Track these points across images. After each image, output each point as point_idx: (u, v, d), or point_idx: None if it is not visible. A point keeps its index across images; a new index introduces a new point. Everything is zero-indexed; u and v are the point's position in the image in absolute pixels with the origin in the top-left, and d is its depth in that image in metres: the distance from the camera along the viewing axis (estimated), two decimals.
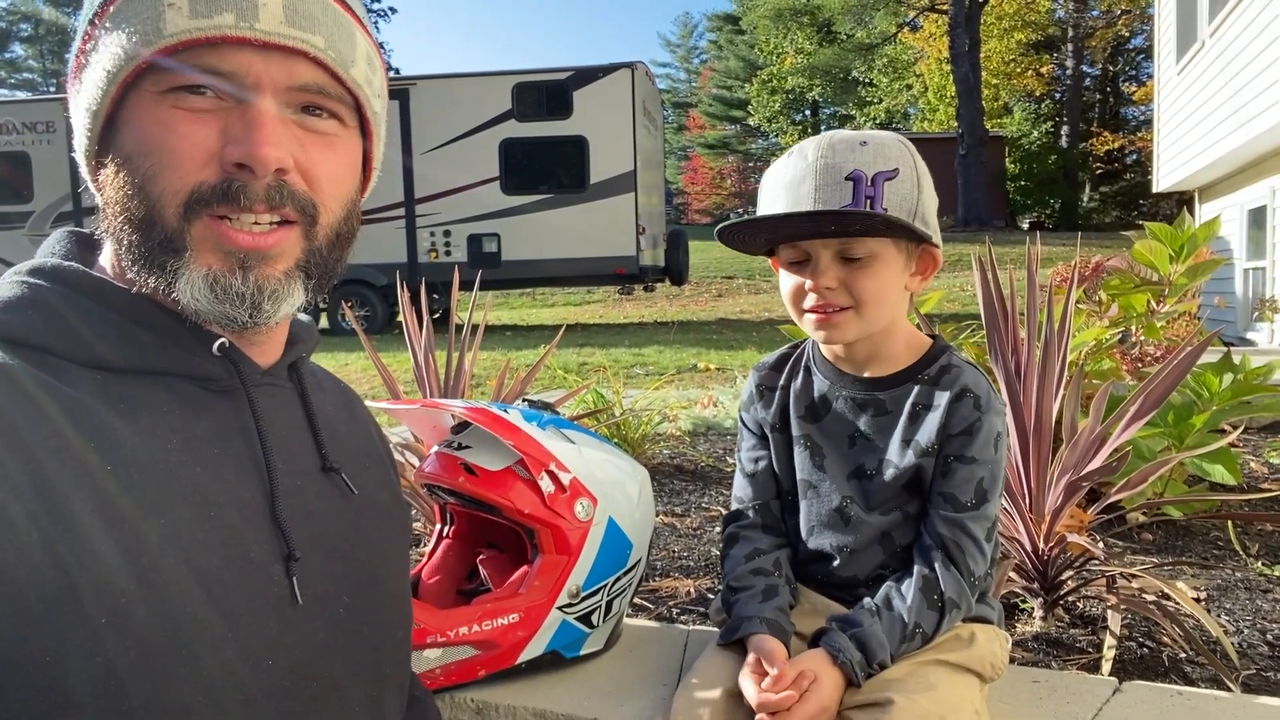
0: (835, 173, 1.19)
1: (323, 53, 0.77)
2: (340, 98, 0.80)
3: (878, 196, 1.18)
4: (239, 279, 0.76)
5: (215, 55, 0.73)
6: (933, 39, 29.05)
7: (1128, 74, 34.35)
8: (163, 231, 0.74)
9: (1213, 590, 2.00)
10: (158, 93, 0.73)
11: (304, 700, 0.79)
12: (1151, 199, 26.21)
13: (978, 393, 1.26)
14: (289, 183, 0.77)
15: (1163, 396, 1.83)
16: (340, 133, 0.82)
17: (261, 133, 0.74)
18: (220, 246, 0.75)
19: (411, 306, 2.73)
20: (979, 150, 23.07)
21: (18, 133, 12.82)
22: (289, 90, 0.76)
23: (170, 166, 0.73)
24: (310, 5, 0.76)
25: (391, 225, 12.40)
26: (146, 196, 0.74)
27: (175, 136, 0.73)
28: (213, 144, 0.74)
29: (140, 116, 0.74)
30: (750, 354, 8.15)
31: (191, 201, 0.74)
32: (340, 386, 1.05)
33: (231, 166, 0.74)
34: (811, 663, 1.18)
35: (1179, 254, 3.05)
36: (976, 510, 1.25)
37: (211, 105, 0.74)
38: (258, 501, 0.79)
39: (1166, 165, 10.30)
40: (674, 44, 54.06)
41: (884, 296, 1.24)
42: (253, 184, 0.74)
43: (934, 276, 1.31)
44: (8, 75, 42.30)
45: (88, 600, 0.64)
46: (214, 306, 0.76)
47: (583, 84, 12.21)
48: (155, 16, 0.72)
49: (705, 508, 2.82)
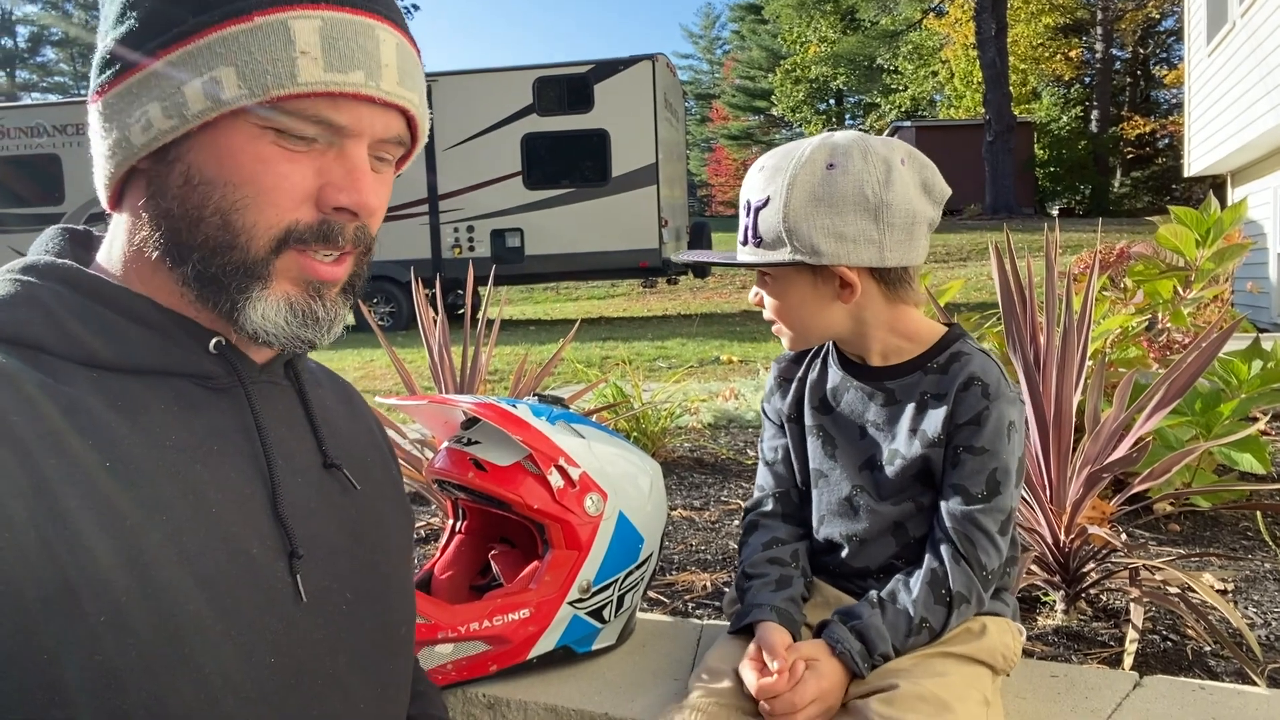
0: (744, 197, 1.28)
1: (417, 110, 0.83)
2: (405, 143, 0.85)
3: (755, 226, 1.25)
4: (319, 306, 0.80)
5: (332, 107, 0.76)
6: (958, 24, 28.70)
7: (1158, 57, 33.79)
8: (246, 258, 0.76)
9: (1240, 582, 1.96)
10: (259, 127, 0.74)
11: (307, 697, 0.78)
12: (1183, 183, 25.77)
13: (986, 380, 1.23)
14: (367, 224, 0.82)
15: (1188, 384, 1.78)
16: (390, 168, 0.86)
17: (365, 181, 0.79)
18: (302, 277, 0.79)
19: (427, 302, 2.73)
20: (1006, 137, 22.76)
21: (49, 135, 13.02)
22: (378, 141, 0.81)
23: (267, 204, 0.75)
24: (411, 64, 0.81)
25: (416, 222, 12.47)
26: (231, 225, 0.75)
27: (275, 174, 0.75)
28: (310, 185, 0.77)
29: (237, 145, 0.75)
30: (773, 346, 8.12)
31: (288, 238, 0.77)
32: (339, 382, 1.05)
33: (331, 210, 0.78)
34: (809, 651, 1.18)
35: (1205, 238, 2.99)
36: (988, 502, 1.22)
37: (306, 147, 0.77)
38: (258, 499, 0.79)
39: (1198, 149, 10.11)
40: (696, 35, 54.00)
41: (800, 312, 1.29)
42: (348, 226, 0.79)
43: (852, 296, 1.25)
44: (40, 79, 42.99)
45: (86, 599, 0.64)
46: (291, 330, 0.79)
47: (603, 77, 12.19)
48: (288, 61, 0.73)
49: (724, 501, 2.80)
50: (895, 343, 1.30)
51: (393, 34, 0.78)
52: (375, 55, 0.77)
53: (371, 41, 0.76)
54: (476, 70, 13.10)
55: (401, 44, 0.80)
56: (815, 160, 1.20)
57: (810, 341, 1.34)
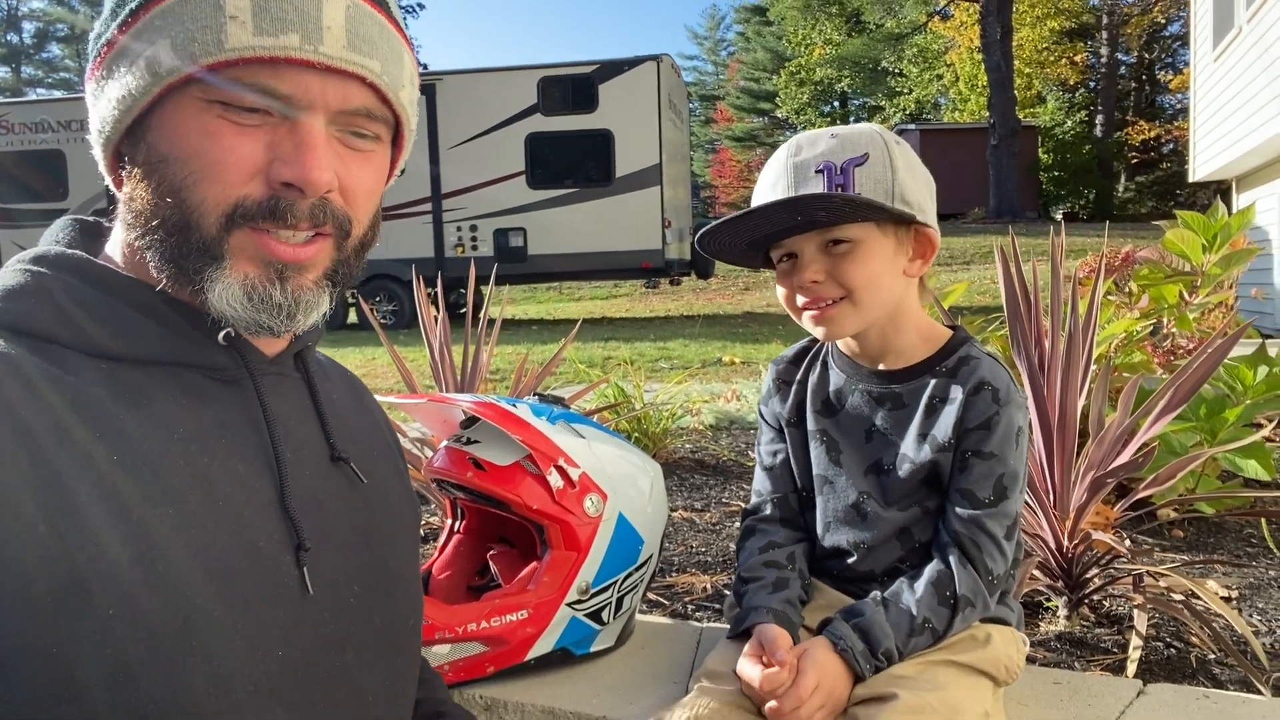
0: (806, 168, 1.20)
1: (378, 78, 0.77)
2: (384, 119, 0.81)
3: (849, 183, 1.18)
4: (277, 289, 0.77)
5: (274, 75, 0.72)
6: (964, 27, 28.67)
7: (1164, 62, 33.71)
8: (200, 238, 0.74)
9: (1244, 589, 1.95)
10: (204, 100, 0.72)
11: (316, 690, 0.78)
12: (1188, 189, 25.70)
13: (996, 385, 1.22)
14: (330, 201, 0.77)
15: (1194, 389, 1.77)
16: (376, 148, 0.82)
17: (313, 156, 0.74)
18: (260, 256, 0.76)
19: (429, 301, 2.72)
20: (1011, 141, 22.70)
21: (54, 131, 13.03)
22: (339, 113, 0.77)
23: (214, 178, 0.73)
24: (369, 28, 0.76)
25: (419, 220, 12.47)
26: (183, 202, 0.73)
27: (220, 148, 0.73)
28: (259, 158, 0.74)
29: (183, 121, 0.73)
30: (776, 347, 8.10)
31: (235, 214, 0.74)
32: (348, 376, 1.04)
33: (280, 185, 0.74)
34: (811, 648, 1.16)
35: (1212, 243, 2.97)
36: (995, 507, 1.21)
37: (259, 120, 0.74)
38: (266, 491, 0.79)
39: (1203, 154, 10.08)
40: (701, 36, 53.86)
41: (876, 283, 1.22)
42: (299, 203, 0.75)
43: (933, 260, 1.28)
44: (45, 75, 43.04)
45: (96, 591, 0.64)
46: (248, 314, 0.76)
47: (608, 77, 12.19)
48: (215, 27, 0.70)
49: (725, 503, 2.79)
50: (912, 340, 1.29)
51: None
52: (315, 16, 0.72)
53: (311, 2, 0.72)
54: (481, 69, 13.11)
55: (356, 5, 0.75)
56: (887, 132, 1.24)
57: (867, 319, 1.24)
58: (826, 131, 1.23)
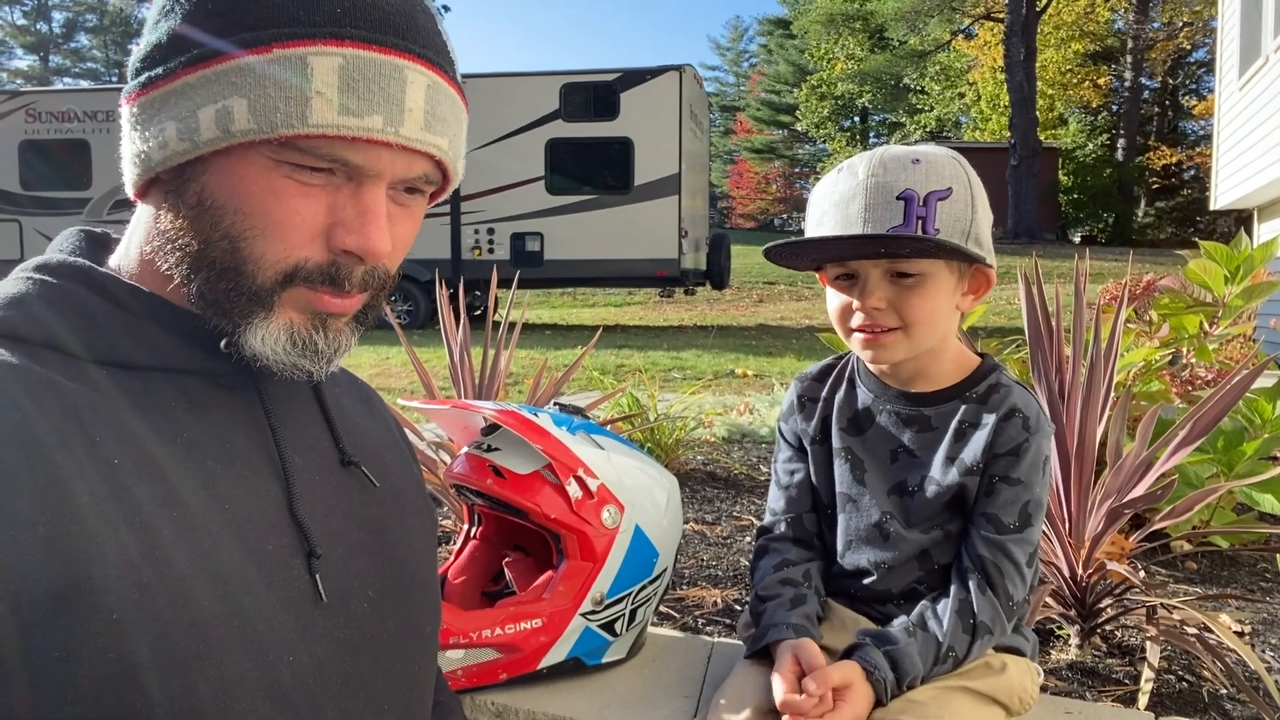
0: (886, 191, 1.15)
1: (445, 154, 0.78)
2: (436, 180, 0.82)
3: (930, 217, 1.15)
4: (321, 337, 0.78)
5: (349, 147, 0.72)
6: (987, 47, 28.65)
7: (1188, 88, 33.59)
8: (253, 287, 0.74)
9: (1258, 624, 1.94)
10: (273, 160, 0.72)
11: (328, 697, 0.77)
12: (1208, 216, 25.60)
13: (1027, 414, 1.23)
14: (381, 265, 0.78)
15: (1213, 422, 1.77)
16: (422, 200, 0.83)
17: (376, 225, 0.75)
18: (309, 308, 0.77)
19: (450, 304, 2.74)
20: (1031, 162, 22.69)
21: (79, 120, 13.14)
22: (401, 181, 0.78)
23: (276, 237, 0.73)
24: (445, 108, 0.77)
25: (436, 222, 12.50)
26: (238, 252, 0.73)
27: (285, 209, 0.73)
28: (320, 221, 0.74)
29: (248, 176, 0.73)
30: (789, 361, 8.09)
31: (294, 275, 0.74)
32: (356, 382, 1.04)
33: (340, 251, 0.75)
34: (847, 673, 1.14)
35: (1234, 275, 2.96)
36: (1019, 533, 1.22)
37: (323, 180, 0.74)
38: (274, 497, 0.78)
39: (1225, 182, 10.03)
40: (724, 47, 54.01)
41: (934, 317, 1.21)
42: (356, 270, 0.76)
43: (975, 302, 1.28)
44: (72, 64, 43.46)
45: (99, 596, 0.63)
46: (290, 359, 0.77)
47: (630, 86, 12.22)
48: (300, 100, 0.70)
49: (737, 516, 2.79)
50: (940, 367, 1.29)
51: (425, 74, 0.75)
52: (399, 99, 0.73)
53: (396, 84, 0.73)
54: (503, 74, 13.16)
55: (436, 84, 0.76)
56: (966, 164, 1.22)
57: (917, 350, 1.24)
58: (910, 153, 1.19)
